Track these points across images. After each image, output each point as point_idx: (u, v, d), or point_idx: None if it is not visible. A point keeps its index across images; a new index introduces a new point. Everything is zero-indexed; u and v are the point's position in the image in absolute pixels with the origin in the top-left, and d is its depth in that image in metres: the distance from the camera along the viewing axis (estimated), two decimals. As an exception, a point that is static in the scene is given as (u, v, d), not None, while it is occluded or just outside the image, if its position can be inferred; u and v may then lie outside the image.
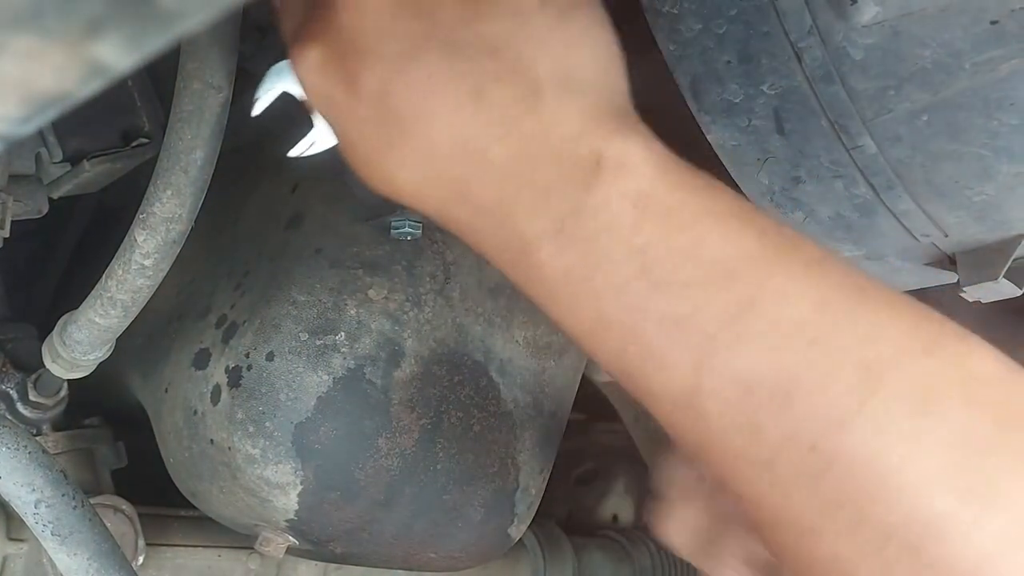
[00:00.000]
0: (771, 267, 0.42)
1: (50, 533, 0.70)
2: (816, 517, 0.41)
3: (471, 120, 0.43)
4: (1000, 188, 0.62)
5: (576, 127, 0.43)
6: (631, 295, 0.42)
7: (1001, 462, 0.40)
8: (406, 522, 0.79)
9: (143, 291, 0.66)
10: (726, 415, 0.42)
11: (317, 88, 0.47)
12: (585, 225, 0.42)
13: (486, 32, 0.43)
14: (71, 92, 0.24)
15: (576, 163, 0.43)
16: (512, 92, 0.43)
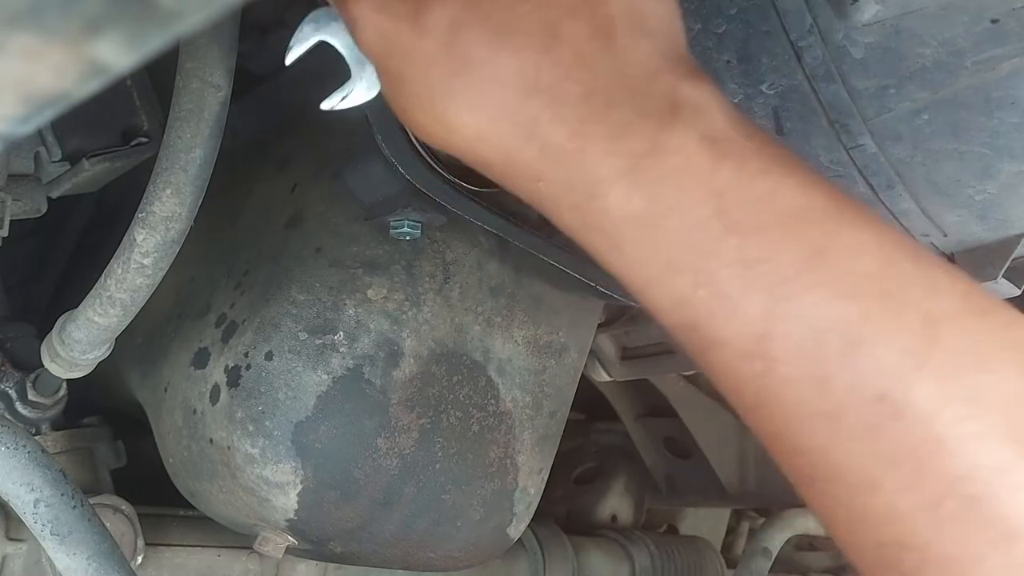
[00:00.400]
0: (840, 221, 0.43)
1: (49, 533, 0.70)
2: (876, 470, 0.41)
3: (544, 55, 0.43)
4: (1001, 187, 0.62)
5: (651, 66, 0.43)
6: (705, 237, 0.42)
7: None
8: (405, 522, 0.79)
9: (142, 290, 0.66)
10: (794, 363, 0.42)
11: (376, 25, 0.45)
12: (661, 165, 0.42)
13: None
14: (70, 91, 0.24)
15: (652, 102, 0.43)
16: (586, 28, 0.43)
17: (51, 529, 0.70)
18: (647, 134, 0.42)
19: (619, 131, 0.42)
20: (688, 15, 0.63)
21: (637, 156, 0.42)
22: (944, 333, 0.41)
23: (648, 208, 0.43)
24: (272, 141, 0.89)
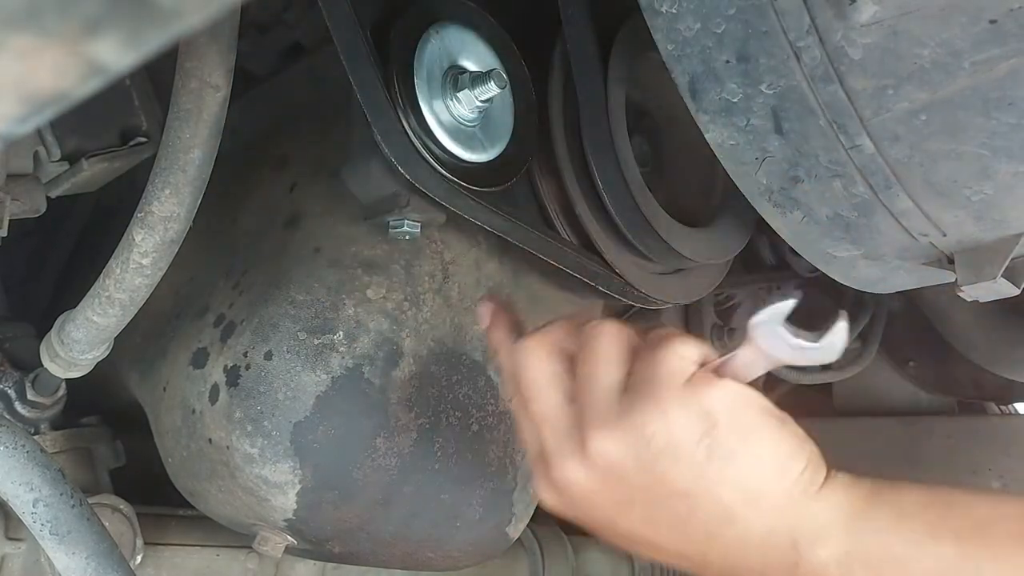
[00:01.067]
0: (975, 566, 0.51)
1: (48, 532, 0.70)
2: None
3: (682, 539, 0.57)
4: (999, 187, 0.62)
5: (767, 525, 0.55)
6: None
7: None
8: (404, 521, 0.79)
9: (141, 290, 0.66)
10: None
11: (561, 510, 0.61)
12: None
13: (673, 487, 0.55)
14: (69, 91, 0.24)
15: (778, 552, 0.54)
16: (706, 519, 0.55)
17: (50, 529, 0.70)
18: (783, 573, 0.54)
19: (761, 573, 0.55)
20: (687, 15, 0.63)
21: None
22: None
23: None
24: (271, 141, 0.89)
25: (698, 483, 0.55)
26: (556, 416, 0.59)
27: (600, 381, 0.57)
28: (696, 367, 0.56)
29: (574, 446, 0.57)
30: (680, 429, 0.54)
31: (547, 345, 0.61)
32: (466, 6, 0.73)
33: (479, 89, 0.68)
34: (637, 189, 0.80)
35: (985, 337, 1.35)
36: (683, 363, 0.56)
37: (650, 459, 0.55)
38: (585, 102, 0.78)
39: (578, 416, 0.58)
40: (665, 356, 0.56)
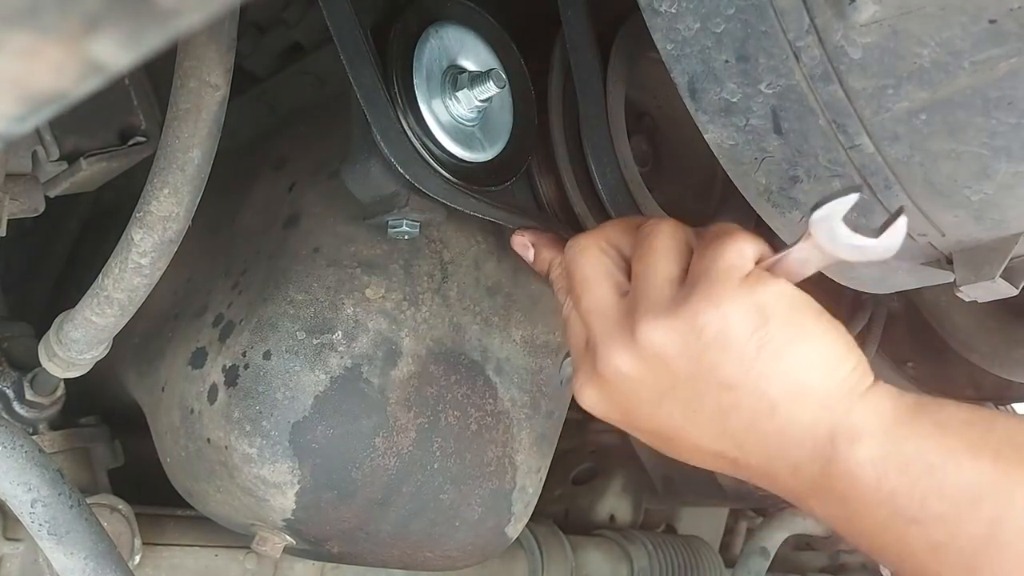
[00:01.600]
0: (1011, 486, 0.49)
1: (46, 532, 0.70)
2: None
3: (721, 433, 0.57)
4: (998, 187, 0.62)
5: (809, 419, 0.54)
6: (891, 532, 0.51)
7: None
8: (403, 521, 0.79)
9: (140, 290, 0.66)
10: None
11: (601, 408, 0.61)
12: (834, 487, 0.53)
13: (719, 379, 0.55)
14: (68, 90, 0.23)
15: (815, 445, 0.54)
16: (749, 412, 0.55)
17: (48, 529, 0.70)
18: (817, 469, 0.53)
19: (795, 470, 0.54)
20: (687, 14, 0.63)
21: (816, 483, 0.54)
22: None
23: (840, 513, 0.53)
24: (270, 141, 0.89)
25: (745, 376, 0.54)
26: (607, 307, 0.59)
27: (656, 274, 0.57)
28: (753, 263, 0.56)
29: (624, 334, 0.57)
30: (733, 322, 0.54)
31: (601, 242, 0.62)
32: (465, 6, 0.73)
33: (478, 89, 0.68)
34: (636, 189, 0.80)
35: (984, 337, 1.35)
36: (741, 259, 0.56)
37: (699, 350, 0.55)
38: (584, 102, 0.78)
39: (630, 307, 0.58)
40: (723, 251, 0.56)
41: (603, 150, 0.78)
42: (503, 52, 0.74)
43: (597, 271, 0.60)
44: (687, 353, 0.55)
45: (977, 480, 0.50)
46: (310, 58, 0.86)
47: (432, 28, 0.70)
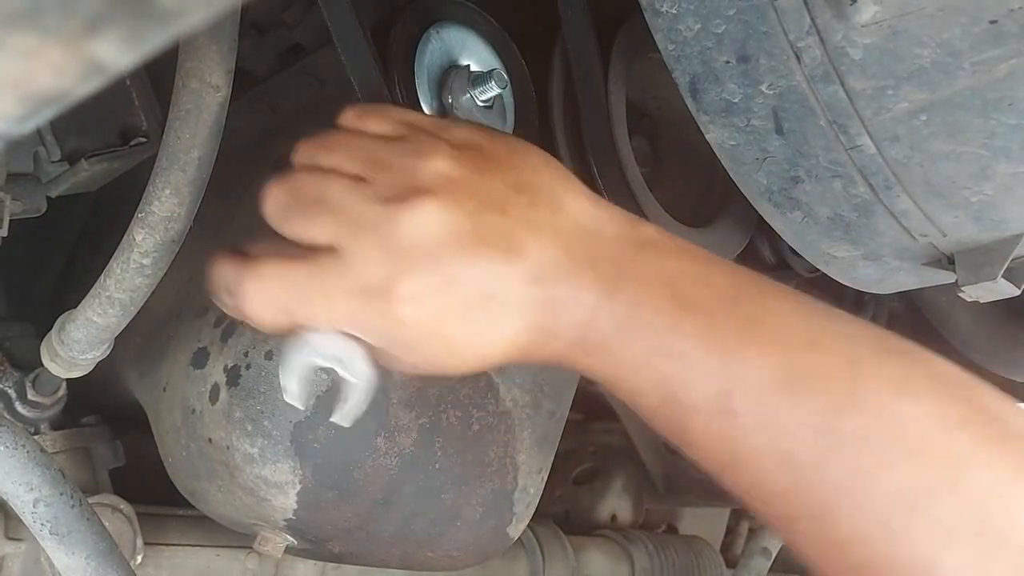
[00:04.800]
0: (764, 291, 0.53)
1: (48, 532, 0.70)
2: (832, 496, 0.48)
3: (513, 262, 0.53)
4: (998, 188, 0.62)
5: (600, 214, 0.55)
6: (669, 317, 0.51)
7: (972, 433, 0.48)
8: (404, 521, 0.79)
9: (142, 290, 0.66)
10: (752, 414, 0.50)
11: (366, 318, 0.53)
12: (624, 275, 0.53)
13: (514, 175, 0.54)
14: (70, 90, 0.24)
15: (614, 230, 0.54)
16: (547, 212, 0.54)
17: (50, 528, 0.70)
18: (609, 259, 0.53)
19: (592, 266, 0.53)
20: (687, 15, 0.63)
21: (609, 280, 0.52)
22: (865, 371, 0.50)
23: (626, 312, 0.52)
24: (271, 141, 0.89)
25: (519, 170, 0.54)
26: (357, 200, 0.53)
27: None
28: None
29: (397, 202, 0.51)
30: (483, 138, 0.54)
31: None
32: (466, 6, 0.73)
33: (480, 89, 0.68)
34: (638, 189, 0.80)
35: (985, 337, 1.35)
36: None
37: (482, 162, 0.53)
38: (586, 102, 0.78)
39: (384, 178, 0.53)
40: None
41: (604, 150, 0.79)
42: (504, 52, 0.74)
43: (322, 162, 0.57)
44: (487, 162, 0.53)
45: (737, 281, 0.53)
46: (311, 59, 0.86)
47: (433, 29, 0.70)
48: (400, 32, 0.68)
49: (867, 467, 0.48)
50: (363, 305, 0.51)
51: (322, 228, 0.52)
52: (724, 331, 0.51)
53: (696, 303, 0.52)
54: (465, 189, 0.51)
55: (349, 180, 0.53)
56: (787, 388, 0.49)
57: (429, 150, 0.52)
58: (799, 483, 0.49)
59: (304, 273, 0.52)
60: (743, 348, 0.50)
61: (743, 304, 0.52)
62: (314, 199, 0.53)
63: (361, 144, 0.54)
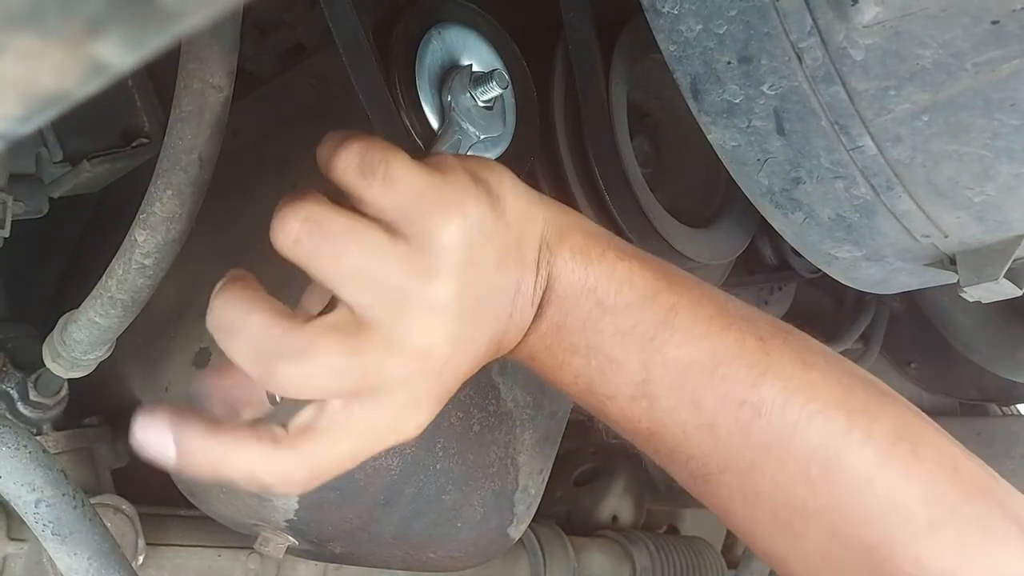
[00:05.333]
0: (681, 283, 0.57)
1: (50, 533, 0.70)
2: (756, 456, 0.54)
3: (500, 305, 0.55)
4: (1000, 189, 0.62)
5: (536, 231, 0.56)
6: (591, 323, 0.56)
7: (866, 394, 0.56)
8: (405, 522, 0.79)
9: (143, 290, 0.66)
10: (671, 396, 0.55)
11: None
12: (555, 288, 0.56)
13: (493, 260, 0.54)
14: (71, 91, 0.24)
15: (541, 249, 0.56)
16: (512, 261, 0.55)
17: (52, 529, 0.70)
18: (539, 279, 0.55)
19: (531, 291, 0.55)
20: (689, 16, 0.63)
21: (539, 297, 0.56)
22: (773, 347, 0.56)
23: (556, 323, 0.56)
24: (272, 142, 0.89)
25: (501, 239, 0.53)
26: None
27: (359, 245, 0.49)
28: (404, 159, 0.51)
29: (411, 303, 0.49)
30: (475, 205, 0.51)
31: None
32: (468, 7, 0.73)
33: (481, 89, 0.68)
34: (639, 189, 0.80)
35: (987, 338, 1.35)
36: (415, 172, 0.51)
37: (477, 252, 0.51)
38: (587, 103, 0.78)
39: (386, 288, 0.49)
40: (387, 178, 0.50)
41: (605, 150, 0.79)
42: (506, 53, 0.74)
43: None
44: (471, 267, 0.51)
45: (656, 276, 0.57)
46: (312, 59, 0.86)
47: (434, 29, 0.70)
48: (401, 32, 0.68)
49: (787, 427, 0.54)
50: (375, 439, 0.53)
51: None
52: (643, 326, 0.55)
53: (616, 307, 0.55)
54: (467, 308, 0.51)
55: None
56: (706, 369, 0.55)
57: (438, 282, 0.49)
58: (722, 447, 0.55)
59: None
60: (662, 339, 0.55)
61: (662, 298, 0.56)
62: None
63: (369, 258, 0.49)
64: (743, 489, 0.56)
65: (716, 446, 0.55)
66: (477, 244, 0.51)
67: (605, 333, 0.56)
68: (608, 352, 0.56)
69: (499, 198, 0.54)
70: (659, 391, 0.55)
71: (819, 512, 0.54)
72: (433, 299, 0.49)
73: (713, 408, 0.55)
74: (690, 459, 0.57)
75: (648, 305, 0.56)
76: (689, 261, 0.86)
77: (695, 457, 0.57)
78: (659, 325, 0.55)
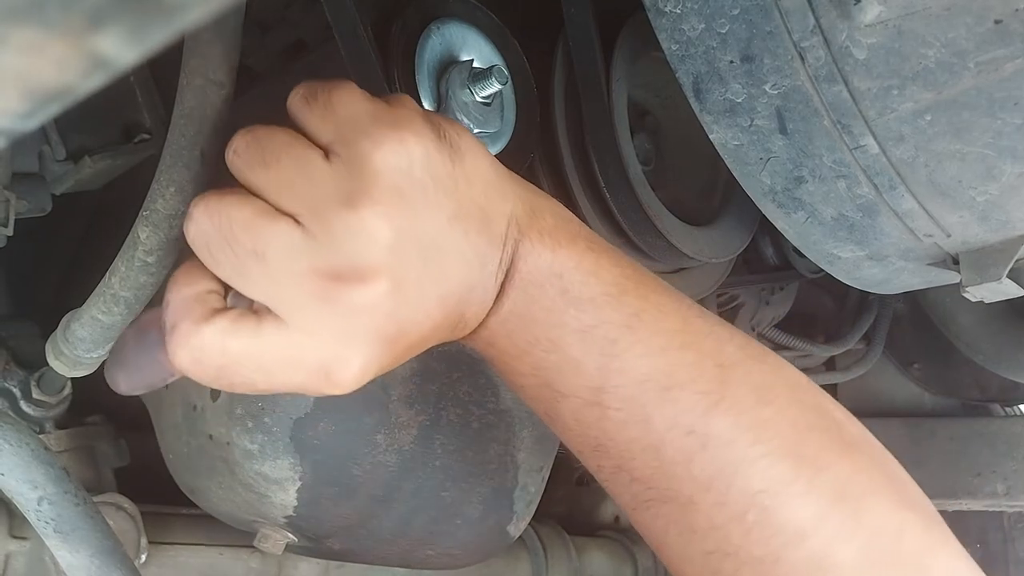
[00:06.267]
0: (648, 287, 0.54)
1: (52, 531, 0.70)
2: (694, 490, 0.52)
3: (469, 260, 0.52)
4: (1004, 188, 0.62)
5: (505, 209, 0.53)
6: (554, 313, 0.53)
7: (823, 440, 0.52)
8: (404, 519, 0.79)
9: (146, 288, 0.66)
10: (624, 408, 0.52)
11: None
12: (517, 272, 0.53)
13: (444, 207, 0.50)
14: (73, 86, 0.24)
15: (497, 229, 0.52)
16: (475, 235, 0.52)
17: (54, 527, 0.70)
18: (504, 255, 0.52)
19: (495, 266, 0.52)
20: (691, 15, 0.63)
21: (503, 275, 0.53)
22: (732, 376, 0.53)
23: (518, 308, 0.53)
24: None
25: (457, 194, 0.50)
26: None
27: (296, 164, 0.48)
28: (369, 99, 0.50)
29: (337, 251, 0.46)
30: (419, 139, 0.48)
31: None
32: (467, 3, 0.73)
33: (480, 85, 0.68)
34: (640, 187, 0.80)
35: (990, 339, 1.35)
36: (358, 99, 0.50)
37: (419, 191, 0.48)
38: (588, 100, 0.78)
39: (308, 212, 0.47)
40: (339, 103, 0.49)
41: (606, 148, 0.79)
42: (505, 49, 0.74)
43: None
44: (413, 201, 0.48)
45: (624, 274, 0.54)
46: (313, 55, 0.86)
47: (434, 25, 0.70)
48: (401, 28, 0.68)
49: (730, 466, 0.51)
50: (305, 381, 0.49)
51: (259, 291, 0.48)
52: (606, 327, 0.52)
53: (581, 299, 0.52)
54: (406, 248, 0.48)
55: (285, 230, 0.47)
56: (661, 387, 0.52)
57: (364, 202, 0.47)
58: (664, 474, 0.52)
59: (244, 343, 0.48)
60: (622, 345, 0.52)
61: (628, 300, 0.53)
62: (249, 250, 0.47)
63: (298, 169, 0.48)
64: (680, 523, 0.53)
65: (659, 471, 0.53)
66: (418, 181, 0.48)
67: (567, 328, 0.52)
68: (567, 350, 0.53)
69: (457, 150, 0.50)
70: (612, 402, 0.53)
71: (751, 562, 0.51)
72: (359, 221, 0.46)
73: (661, 430, 0.52)
74: (633, 481, 0.54)
75: (612, 304, 0.53)
76: (689, 259, 0.86)
77: (638, 480, 0.54)
78: (621, 328, 0.52)
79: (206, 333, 0.49)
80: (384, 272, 0.47)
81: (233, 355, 0.48)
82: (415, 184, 0.48)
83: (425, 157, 0.48)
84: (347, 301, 0.47)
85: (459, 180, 0.50)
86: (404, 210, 0.47)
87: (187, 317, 0.50)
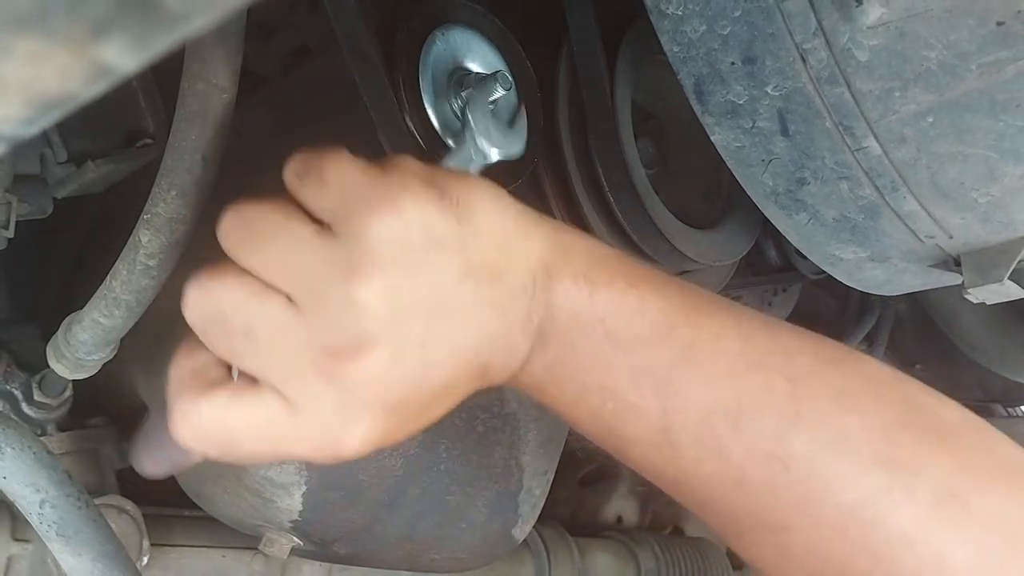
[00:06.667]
0: (701, 311, 0.51)
1: (55, 533, 0.70)
2: (787, 515, 0.49)
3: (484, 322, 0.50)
4: (1006, 190, 0.62)
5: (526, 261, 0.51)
6: (601, 358, 0.51)
7: (911, 435, 0.49)
8: (409, 523, 0.79)
9: (147, 291, 0.66)
10: (695, 445, 0.50)
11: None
12: (556, 318, 0.51)
13: (451, 272, 0.49)
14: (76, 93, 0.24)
15: (536, 279, 0.51)
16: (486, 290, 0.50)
17: (56, 530, 0.70)
18: (540, 301, 0.51)
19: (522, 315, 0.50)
20: (693, 17, 0.63)
21: (540, 320, 0.51)
22: (806, 389, 0.49)
23: (558, 357, 0.51)
24: (276, 143, 0.89)
25: (465, 252, 0.49)
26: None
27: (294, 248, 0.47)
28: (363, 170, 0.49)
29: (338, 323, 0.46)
30: (416, 204, 0.47)
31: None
32: (471, 8, 0.73)
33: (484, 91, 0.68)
34: (643, 191, 0.80)
35: (992, 339, 1.35)
36: (351, 170, 0.49)
37: (420, 256, 0.47)
38: (591, 104, 0.78)
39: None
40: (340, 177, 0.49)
41: (610, 152, 0.79)
42: (509, 54, 0.74)
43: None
44: (412, 271, 0.47)
45: (671, 307, 0.51)
46: (317, 61, 0.87)
47: (438, 31, 0.70)
48: (405, 34, 0.68)
49: (819, 483, 0.48)
50: (309, 452, 0.49)
51: (255, 368, 0.48)
52: (659, 366, 0.50)
53: (628, 341, 0.50)
54: (406, 314, 0.47)
55: (276, 310, 0.47)
56: (730, 416, 0.49)
57: (358, 277, 0.46)
58: (753, 503, 0.50)
59: (243, 417, 0.48)
60: (681, 382, 0.50)
61: (679, 333, 0.50)
62: (242, 330, 0.48)
63: (290, 249, 0.48)
64: (777, 548, 0.51)
65: (746, 501, 0.50)
66: (417, 246, 0.47)
67: (619, 373, 0.50)
68: (623, 395, 0.51)
69: (466, 207, 0.49)
70: (682, 439, 0.50)
71: (860, 575, 0.48)
72: (354, 296, 0.45)
73: (739, 460, 0.49)
74: (722, 515, 0.52)
75: (663, 342, 0.50)
76: (693, 263, 0.86)
77: (726, 514, 0.52)
78: (675, 365, 0.50)
79: (204, 408, 0.49)
80: (381, 342, 0.46)
81: (233, 429, 0.48)
82: (414, 250, 0.47)
83: (423, 222, 0.47)
84: (345, 376, 0.46)
85: (467, 238, 0.49)
86: (401, 278, 0.47)
87: (185, 393, 0.50)
